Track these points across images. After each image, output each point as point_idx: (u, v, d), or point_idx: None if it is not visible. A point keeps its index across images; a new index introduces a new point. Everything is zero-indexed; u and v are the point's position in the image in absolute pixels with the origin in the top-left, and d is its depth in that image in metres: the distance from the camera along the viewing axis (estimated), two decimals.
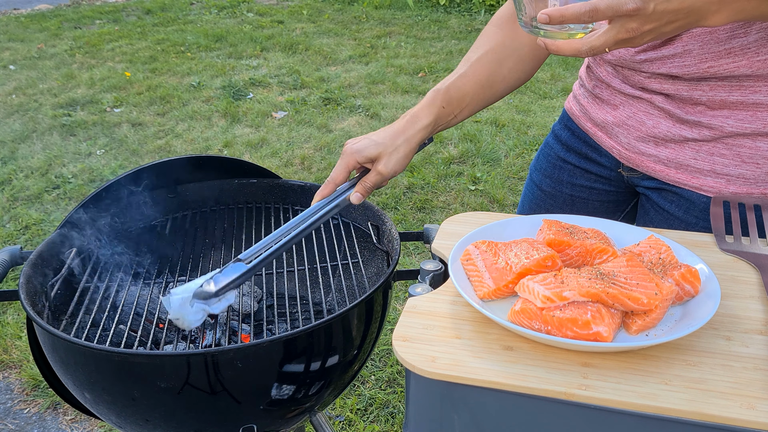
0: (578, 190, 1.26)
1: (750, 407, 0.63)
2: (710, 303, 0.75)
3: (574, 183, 1.26)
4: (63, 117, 4.23)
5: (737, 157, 1.01)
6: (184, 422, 1.00)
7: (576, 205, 1.27)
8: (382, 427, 2.01)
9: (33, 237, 2.96)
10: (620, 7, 0.76)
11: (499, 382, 0.67)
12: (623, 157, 1.13)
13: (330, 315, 0.97)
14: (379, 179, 1.08)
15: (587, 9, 0.76)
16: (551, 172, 1.29)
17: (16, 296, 1.04)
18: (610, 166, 1.20)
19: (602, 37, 0.79)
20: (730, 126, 1.00)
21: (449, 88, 1.10)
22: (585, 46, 0.81)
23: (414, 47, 5.76)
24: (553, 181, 1.29)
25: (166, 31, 6.31)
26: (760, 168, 1.01)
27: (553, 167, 1.28)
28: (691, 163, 1.05)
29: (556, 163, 1.28)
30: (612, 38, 0.79)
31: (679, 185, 1.08)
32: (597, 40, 0.80)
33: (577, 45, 0.82)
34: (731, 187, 1.04)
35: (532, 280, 0.76)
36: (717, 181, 1.04)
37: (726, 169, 1.03)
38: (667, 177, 1.08)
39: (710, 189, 1.05)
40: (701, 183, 1.05)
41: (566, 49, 0.83)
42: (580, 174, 1.25)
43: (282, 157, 3.71)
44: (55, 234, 1.18)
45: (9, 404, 2.13)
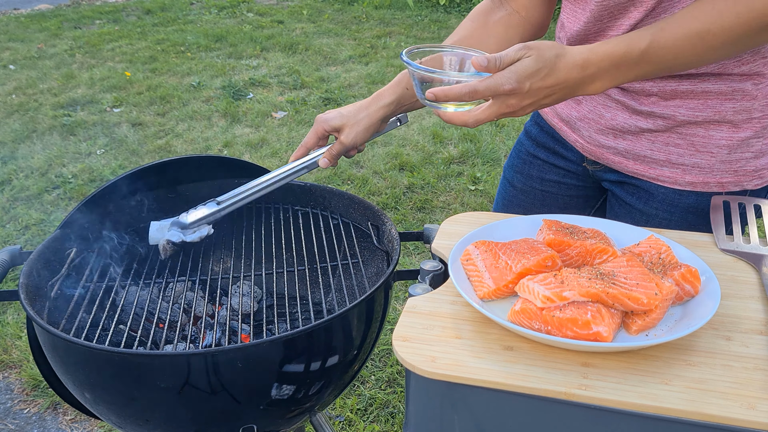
0: (548, 185, 1.29)
1: (750, 407, 0.63)
2: (710, 303, 0.75)
3: (544, 178, 1.29)
4: (63, 117, 4.23)
5: (691, 146, 1.04)
6: (184, 422, 1.00)
7: (547, 200, 1.30)
8: (382, 427, 2.01)
9: (33, 237, 2.96)
10: (498, 88, 0.85)
11: (499, 382, 0.67)
12: (586, 150, 1.17)
13: (330, 315, 0.97)
14: (342, 148, 1.20)
15: (467, 91, 0.86)
16: (522, 168, 1.32)
17: (16, 296, 1.04)
18: (575, 161, 1.23)
19: (486, 111, 0.89)
20: (682, 115, 1.02)
21: None
22: (471, 119, 0.91)
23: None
24: (524, 177, 1.31)
25: (166, 31, 6.31)
26: (714, 157, 1.03)
27: (524, 163, 1.31)
28: (647, 154, 1.08)
29: (526, 159, 1.31)
30: (495, 112, 0.89)
31: (637, 176, 1.11)
32: (482, 114, 0.90)
33: (465, 117, 0.91)
34: (687, 177, 1.06)
35: (532, 280, 0.76)
36: (673, 171, 1.07)
37: (681, 159, 1.05)
38: (626, 168, 1.11)
39: (667, 179, 1.07)
40: (658, 173, 1.08)
41: (456, 120, 0.93)
42: (549, 169, 1.28)
43: (282, 157, 3.71)
44: (55, 234, 1.18)
45: (9, 404, 2.13)
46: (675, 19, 0.86)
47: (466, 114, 0.91)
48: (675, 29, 0.85)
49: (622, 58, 0.86)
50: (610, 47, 0.86)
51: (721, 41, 0.84)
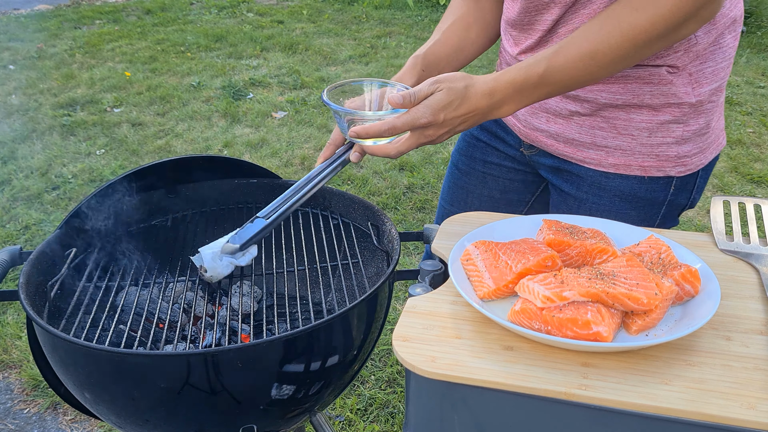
0: (490, 168, 1.35)
1: (750, 407, 0.63)
2: (710, 303, 0.75)
3: (486, 160, 1.35)
4: (63, 117, 4.23)
5: (614, 129, 1.10)
6: (184, 422, 1.00)
7: (488, 182, 1.36)
8: (382, 427, 2.01)
9: (33, 237, 2.96)
10: (414, 122, 0.93)
11: (499, 382, 0.67)
12: (522, 133, 1.23)
13: (330, 315, 0.97)
14: None
15: (387, 128, 0.94)
16: (466, 150, 1.38)
17: (16, 296, 1.04)
18: (514, 145, 1.29)
19: (406, 143, 0.97)
20: (603, 98, 1.08)
21: (426, 54, 1.21)
22: (393, 151, 0.98)
23: (414, 47, 5.76)
24: (468, 159, 1.38)
25: (166, 31, 6.31)
26: (635, 139, 1.09)
27: (468, 145, 1.38)
28: (576, 137, 1.14)
29: (470, 142, 1.37)
30: (414, 143, 0.97)
31: (566, 158, 1.17)
32: (402, 146, 0.97)
33: (387, 149, 0.99)
34: (610, 159, 1.12)
35: (532, 280, 0.76)
36: (598, 153, 1.13)
37: (605, 141, 1.11)
38: (557, 151, 1.18)
39: (592, 161, 1.14)
40: (585, 156, 1.14)
41: (378, 153, 1.00)
42: (490, 151, 1.34)
43: (282, 157, 3.71)
44: (55, 234, 1.18)
45: (9, 404, 2.13)
46: (567, 43, 0.93)
47: (387, 146, 0.99)
48: (567, 52, 0.92)
49: (523, 84, 0.94)
50: (512, 75, 0.94)
51: (610, 59, 0.91)
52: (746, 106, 4.43)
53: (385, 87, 1.10)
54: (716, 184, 3.46)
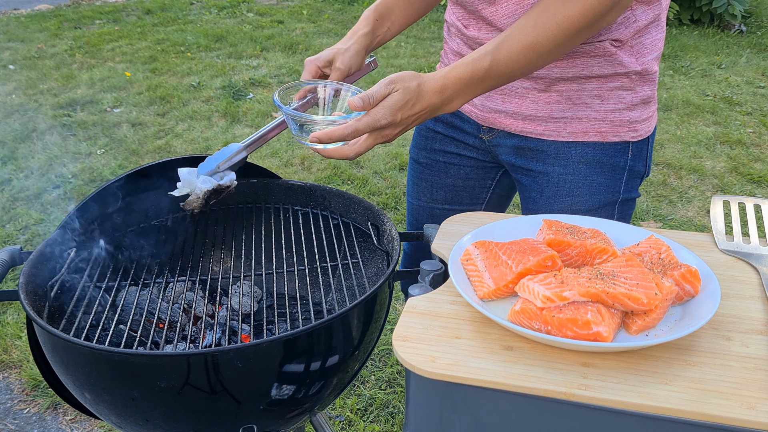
0: (450, 158, 1.38)
1: (750, 407, 0.63)
2: (710, 303, 0.75)
3: (445, 150, 1.38)
4: (63, 117, 4.23)
5: (568, 101, 1.16)
6: (184, 422, 1.00)
7: (450, 171, 1.40)
8: (382, 427, 2.01)
9: (33, 237, 2.96)
10: (375, 124, 0.96)
11: (499, 382, 0.67)
12: (480, 118, 1.26)
13: (330, 315, 0.97)
14: (339, 75, 1.22)
15: (351, 131, 0.96)
16: (425, 144, 1.41)
17: (16, 296, 1.04)
18: (472, 132, 1.31)
19: (365, 144, 0.99)
20: (555, 74, 1.14)
21: (378, 5, 1.31)
22: (352, 152, 1.00)
23: (414, 47, 5.76)
24: (427, 152, 1.41)
25: (166, 31, 6.30)
26: (588, 107, 1.16)
27: (426, 139, 1.40)
28: (533, 113, 1.19)
29: (427, 135, 1.40)
30: (372, 143, 0.99)
31: (527, 135, 1.22)
32: (361, 146, 1.00)
33: (346, 151, 1.01)
34: (568, 128, 1.18)
35: (532, 280, 0.76)
36: (556, 125, 1.18)
37: (561, 113, 1.17)
38: (517, 128, 1.22)
39: (552, 133, 1.19)
40: (544, 129, 1.20)
41: (336, 155, 1.02)
42: (449, 142, 1.37)
43: (282, 157, 3.71)
44: (55, 234, 1.18)
45: (9, 404, 2.13)
46: (507, 37, 0.98)
47: (345, 149, 1.01)
48: (509, 45, 0.98)
49: (470, 78, 0.99)
50: (460, 71, 0.98)
51: (548, 48, 0.98)
52: (746, 106, 4.43)
53: (340, 89, 1.13)
54: (716, 184, 3.46)
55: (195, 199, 1.18)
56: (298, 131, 1.04)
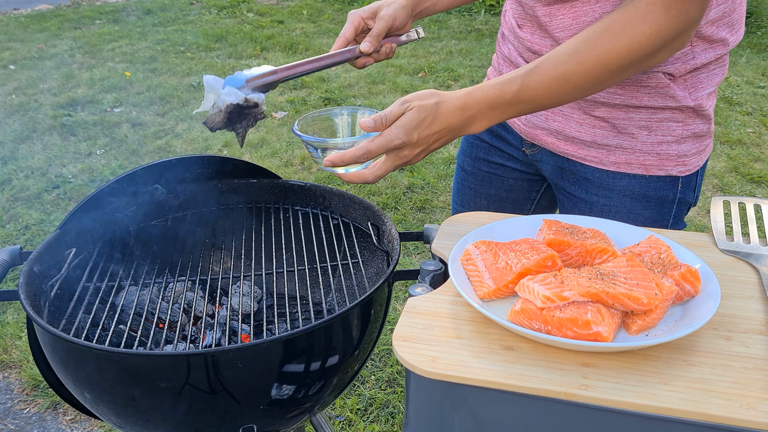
0: (494, 168, 1.36)
1: (750, 407, 0.63)
2: (710, 303, 0.75)
3: (490, 160, 1.36)
4: (63, 117, 4.23)
5: (613, 128, 1.11)
6: (184, 422, 1.00)
7: (494, 182, 1.36)
8: (382, 427, 2.01)
9: (33, 237, 2.96)
10: (389, 144, 0.92)
11: (499, 382, 0.67)
12: (523, 132, 1.23)
13: (330, 315, 0.97)
14: (383, 24, 1.18)
15: (361, 153, 0.93)
16: (470, 152, 1.39)
17: (16, 296, 1.04)
18: (516, 145, 1.29)
19: (383, 166, 0.96)
20: (602, 98, 1.09)
21: None
22: (370, 176, 0.97)
23: (414, 47, 5.76)
24: (472, 159, 1.39)
25: (166, 31, 6.30)
26: (634, 138, 1.10)
27: (471, 146, 1.38)
28: (576, 135, 1.14)
29: (473, 142, 1.38)
30: (391, 166, 0.96)
31: (568, 156, 1.17)
32: (379, 170, 0.96)
33: (364, 175, 0.98)
34: (611, 157, 1.13)
35: (532, 280, 0.76)
36: (599, 152, 1.13)
37: (605, 140, 1.12)
38: (558, 148, 1.18)
39: (593, 159, 1.15)
40: (585, 154, 1.15)
41: (355, 179, 0.99)
42: (493, 151, 1.34)
43: (282, 157, 3.71)
44: (55, 234, 1.18)
45: (9, 404, 2.13)
46: (542, 62, 0.92)
47: (363, 172, 0.98)
48: (542, 72, 0.92)
49: (496, 101, 0.93)
50: (485, 92, 0.93)
51: (584, 81, 0.91)
52: (746, 106, 4.43)
53: (356, 113, 1.11)
54: (716, 184, 3.46)
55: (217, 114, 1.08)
56: (318, 156, 1.02)
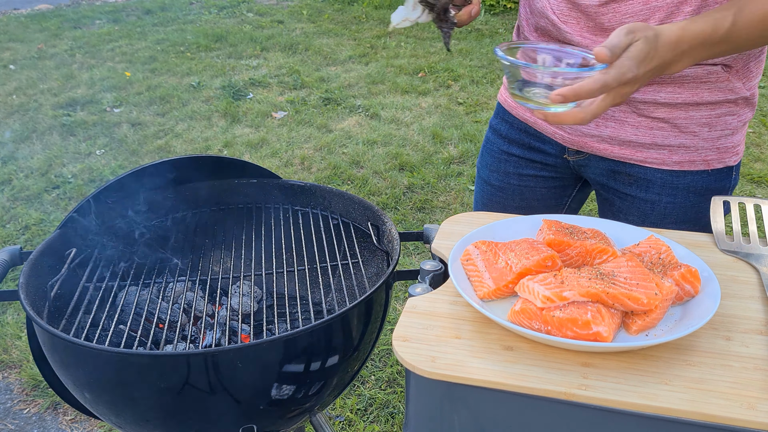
0: (526, 180, 1.31)
1: (750, 407, 0.63)
2: (710, 303, 0.75)
3: (521, 174, 1.31)
4: (63, 117, 4.23)
5: (675, 128, 1.08)
6: (184, 422, 1.00)
7: (525, 194, 1.32)
8: (382, 427, 2.01)
9: (33, 237, 2.96)
10: (622, 77, 0.81)
11: (499, 382, 0.67)
12: (567, 141, 1.18)
13: (330, 315, 0.97)
14: None
15: (599, 85, 0.81)
16: (497, 167, 1.33)
17: (16, 296, 1.04)
18: (554, 153, 1.24)
19: (601, 105, 0.84)
20: (662, 98, 1.06)
21: None
22: (588, 115, 0.85)
23: (414, 47, 5.76)
24: (501, 175, 1.33)
25: (166, 31, 6.30)
26: (697, 136, 1.09)
27: (499, 161, 1.33)
28: (633, 139, 1.11)
29: (500, 157, 1.32)
30: (609, 103, 0.84)
31: (624, 160, 1.14)
32: (598, 108, 0.84)
33: (580, 115, 0.85)
34: (674, 157, 1.11)
35: (532, 280, 0.76)
36: (660, 153, 1.11)
37: (667, 141, 1.10)
38: (612, 154, 1.14)
39: (654, 160, 1.12)
40: (645, 156, 1.12)
41: (570, 119, 0.86)
42: (525, 164, 1.29)
43: (282, 157, 3.71)
44: (55, 234, 1.18)
45: (9, 404, 2.13)
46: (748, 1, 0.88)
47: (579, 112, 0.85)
48: (753, 10, 0.88)
49: (708, 37, 0.87)
50: (700, 26, 0.87)
51: None
52: None
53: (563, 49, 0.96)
54: None
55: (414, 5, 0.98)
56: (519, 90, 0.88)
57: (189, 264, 1.30)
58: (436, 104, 4.47)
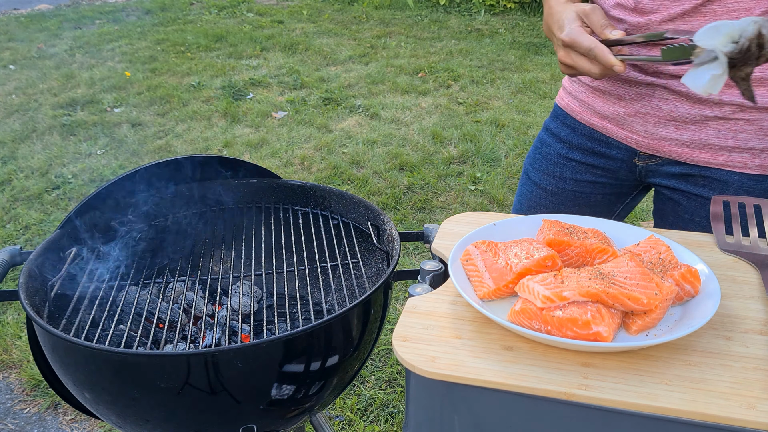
0: (582, 186, 1.28)
1: (750, 407, 0.63)
2: (710, 303, 0.75)
3: (578, 179, 1.28)
4: (63, 117, 4.23)
5: (760, 130, 1.05)
6: (184, 422, 1.00)
7: (579, 200, 1.29)
8: (382, 427, 2.01)
9: (33, 237, 2.96)
10: None
11: (499, 382, 0.67)
12: (641, 145, 1.15)
13: (330, 315, 0.97)
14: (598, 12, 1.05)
15: None
16: (553, 170, 1.30)
17: (16, 296, 1.04)
18: (621, 158, 1.21)
19: None
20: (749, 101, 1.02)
21: None
22: None
23: (414, 47, 5.76)
24: (556, 179, 1.30)
25: (166, 31, 6.31)
26: None
27: (555, 165, 1.29)
28: (714, 142, 1.08)
29: (558, 162, 1.29)
30: None
31: (704, 165, 1.11)
32: None
33: None
34: (757, 161, 1.08)
35: (532, 280, 0.76)
36: (743, 156, 1.08)
37: (750, 144, 1.06)
38: (691, 158, 1.11)
39: (736, 164, 1.09)
40: (726, 159, 1.09)
41: None
42: (584, 170, 1.26)
43: (282, 157, 3.71)
44: (55, 234, 1.18)
45: (9, 404, 2.13)
46: None
47: None
48: None
49: None
50: None
51: None
52: None
53: None
54: None
55: None
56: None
57: (189, 264, 1.30)
58: (436, 104, 4.47)
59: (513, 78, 4.97)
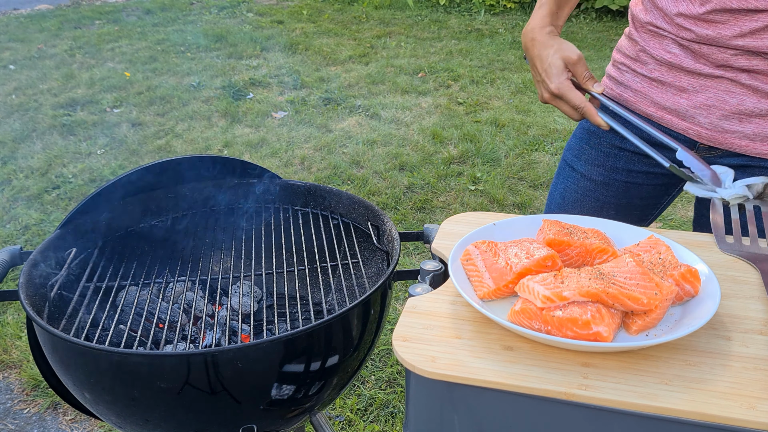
0: (634, 176, 1.27)
1: (750, 407, 0.63)
2: (710, 303, 0.75)
3: (631, 169, 1.27)
4: (63, 117, 4.23)
5: None
6: (184, 422, 1.00)
7: (630, 191, 1.28)
8: (382, 427, 2.01)
9: (33, 237, 2.96)
10: None
11: (499, 382, 0.67)
12: (703, 137, 1.14)
13: (330, 315, 0.97)
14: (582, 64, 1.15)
15: None
16: (603, 161, 1.29)
17: (16, 296, 1.04)
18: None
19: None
20: None
21: None
22: None
23: (414, 47, 5.76)
24: (607, 170, 1.29)
25: (166, 31, 6.30)
26: None
27: (606, 156, 1.28)
28: None
29: (609, 152, 1.28)
30: None
31: (764, 156, 1.10)
32: None
33: None
34: None
35: (532, 280, 0.76)
36: None
37: None
38: (754, 150, 1.11)
39: None
40: None
41: None
42: (638, 160, 1.25)
43: (282, 157, 3.71)
44: (55, 234, 1.18)
45: (9, 404, 2.13)
46: None
47: None
48: None
49: None
50: None
51: None
52: None
53: None
54: None
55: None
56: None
57: (189, 264, 1.30)
58: (436, 104, 4.47)
59: (513, 78, 4.97)
